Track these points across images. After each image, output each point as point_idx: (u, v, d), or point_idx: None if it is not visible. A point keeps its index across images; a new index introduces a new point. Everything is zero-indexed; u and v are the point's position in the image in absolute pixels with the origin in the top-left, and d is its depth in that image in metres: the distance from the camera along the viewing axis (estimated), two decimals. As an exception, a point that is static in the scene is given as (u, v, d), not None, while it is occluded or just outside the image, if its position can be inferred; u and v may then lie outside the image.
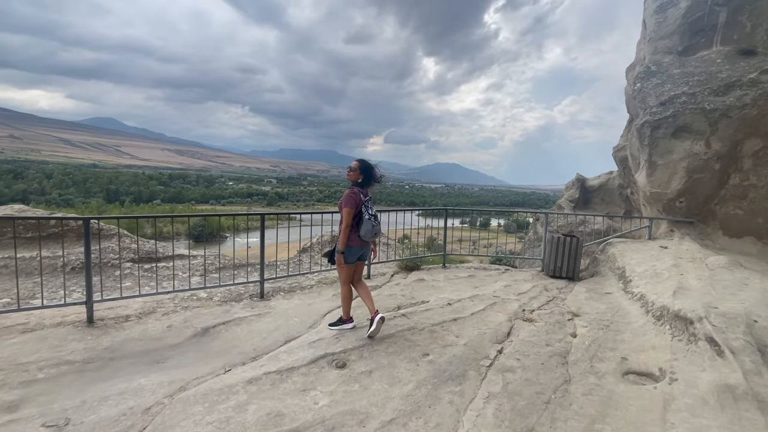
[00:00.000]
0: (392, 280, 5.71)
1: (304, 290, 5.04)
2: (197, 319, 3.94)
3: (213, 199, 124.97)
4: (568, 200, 12.61)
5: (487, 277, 6.12)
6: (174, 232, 7.63)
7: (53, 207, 74.30)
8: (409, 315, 4.20)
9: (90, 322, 3.65)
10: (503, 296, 5.01)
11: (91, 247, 3.56)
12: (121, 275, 4.45)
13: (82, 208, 76.78)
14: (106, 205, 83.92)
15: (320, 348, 3.37)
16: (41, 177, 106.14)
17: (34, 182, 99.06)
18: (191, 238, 26.94)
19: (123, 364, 3.11)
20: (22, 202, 28.19)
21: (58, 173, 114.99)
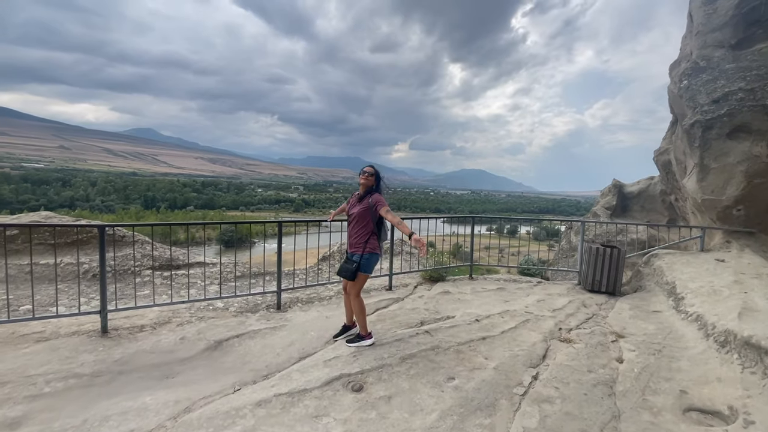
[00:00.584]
0: (415, 291, 5.40)
1: (323, 301, 4.82)
2: (211, 331, 3.79)
3: (243, 205, 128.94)
4: (605, 207, 11.88)
5: (518, 291, 5.69)
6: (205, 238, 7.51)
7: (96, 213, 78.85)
8: (433, 332, 3.88)
9: (104, 331, 3.57)
10: (537, 312, 4.59)
11: (106, 256, 3.49)
12: (135, 284, 4.41)
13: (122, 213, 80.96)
14: (143, 211, 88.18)
15: (336, 367, 3.12)
16: (87, 185, 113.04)
17: (80, 189, 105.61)
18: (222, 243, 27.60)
19: (132, 379, 2.98)
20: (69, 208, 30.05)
21: (101, 181, 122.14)
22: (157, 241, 5.81)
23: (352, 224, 3.54)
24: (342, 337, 3.76)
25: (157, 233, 10.45)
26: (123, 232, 5.34)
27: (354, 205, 3.57)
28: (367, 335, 3.59)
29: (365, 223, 3.47)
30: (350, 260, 3.47)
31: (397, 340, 3.66)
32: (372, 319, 4.26)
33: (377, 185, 3.56)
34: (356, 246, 3.49)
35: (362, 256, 3.43)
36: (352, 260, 3.47)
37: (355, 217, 3.50)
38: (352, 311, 3.73)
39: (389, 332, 3.89)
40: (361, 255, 3.43)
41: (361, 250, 3.44)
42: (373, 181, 3.53)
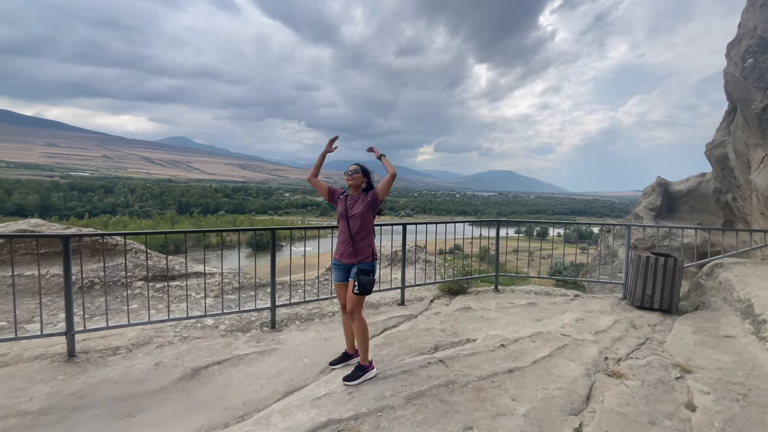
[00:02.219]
0: (431, 307, 4.75)
1: (324, 319, 4.26)
2: (191, 356, 3.30)
3: (271, 209, 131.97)
4: (648, 208, 10.73)
5: (552, 306, 4.92)
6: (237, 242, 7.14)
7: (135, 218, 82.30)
8: (448, 361, 3.23)
9: (71, 355, 3.16)
10: (576, 335, 3.84)
11: (71, 270, 3.08)
12: (104, 300, 4.00)
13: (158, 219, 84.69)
14: (177, 217, 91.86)
15: (325, 409, 2.54)
16: (126, 192, 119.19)
17: (120, 196, 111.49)
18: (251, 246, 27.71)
19: (85, 418, 2.52)
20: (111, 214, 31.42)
21: (139, 188, 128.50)
22: (158, 250, 5.46)
23: (353, 227, 2.97)
24: (340, 366, 3.19)
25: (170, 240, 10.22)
26: (116, 240, 5.01)
27: (352, 205, 3.01)
28: (368, 366, 2.99)
29: (369, 225, 3.00)
30: (364, 271, 2.91)
31: (404, 372, 3.03)
32: (378, 342, 3.66)
33: (368, 182, 3.11)
34: (363, 253, 2.95)
35: (373, 264, 2.96)
36: (366, 271, 2.91)
37: (358, 218, 2.95)
38: (353, 335, 3.17)
39: (395, 360, 3.27)
40: (372, 263, 2.96)
41: (371, 257, 2.96)
42: (361, 178, 3.06)
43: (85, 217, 73.74)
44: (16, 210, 77.32)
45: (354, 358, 3.21)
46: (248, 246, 28.26)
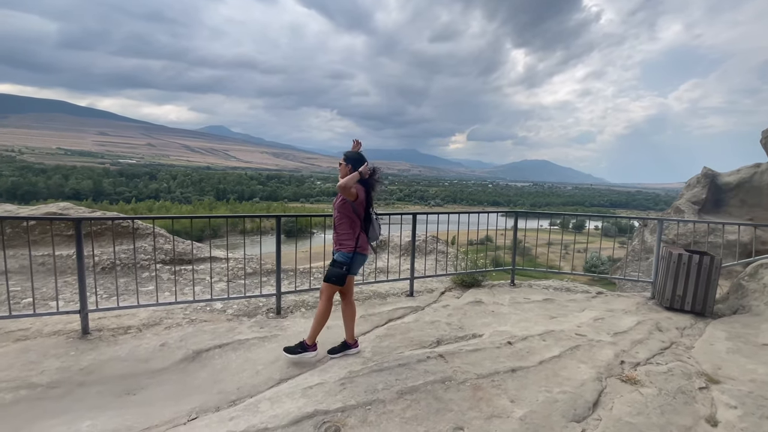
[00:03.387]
0: (441, 299, 4.62)
1: (330, 307, 4.24)
2: (195, 338, 3.38)
3: (303, 197, 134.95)
4: (691, 202, 9.92)
5: (570, 303, 4.65)
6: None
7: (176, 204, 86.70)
8: (449, 356, 3.11)
9: (84, 333, 3.32)
10: (592, 335, 3.59)
11: (83, 251, 3.21)
12: (116, 281, 4.16)
13: (197, 204, 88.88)
14: (215, 203, 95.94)
15: (314, 399, 2.51)
16: (168, 178, 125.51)
17: (163, 183, 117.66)
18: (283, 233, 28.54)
19: (89, 393, 2.63)
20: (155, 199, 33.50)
21: (180, 175, 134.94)
22: (181, 235, 5.65)
23: (335, 217, 3.04)
24: (338, 355, 3.16)
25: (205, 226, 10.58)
26: (138, 224, 5.22)
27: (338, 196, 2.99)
28: (312, 346, 3.06)
29: (346, 216, 2.95)
30: (336, 261, 2.95)
31: (401, 365, 2.95)
32: (380, 333, 3.60)
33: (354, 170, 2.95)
34: (341, 244, 2.96)
35: (348, 255, 2.95)
36: (339, 262, 2.94)
37: (336, 209, 2.98)
38: (351, 323, 3.19)
39: (394, 352, 3.20)
40: (347, 255, 2.95)
41: (349, 248, 2.96)
42: (344, 168, 2.99)
43: (132, 202, 78.57)
44: (73, 194, 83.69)
45: (353, 348, 3.18)
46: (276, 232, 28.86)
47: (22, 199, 73.52)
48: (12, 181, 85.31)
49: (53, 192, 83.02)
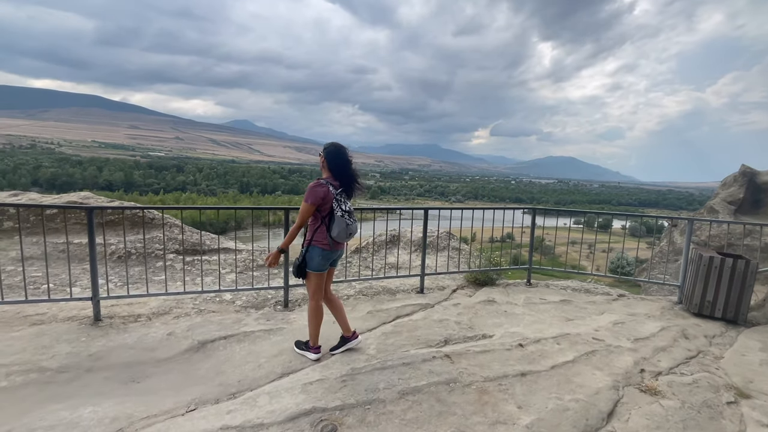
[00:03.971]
0: (452, 297, 4.49)
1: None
2: (201, 329, 3.40)
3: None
4: (726, 201, 9.33)
5: (589, 305, 4.43)
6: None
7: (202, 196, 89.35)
8: (455, 357, 3.00)
9: (96, 319, 3.39)
10: (610, 341, 3.40)
11: (95, 240, 3.27)
12: (124, 270, 4.23)
13: (221, 196, 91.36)
14: (239, 195, 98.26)
15: (313, 396, 2.46)
16: (195, 171, 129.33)
17: (190, 175, 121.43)
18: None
19: (95, 380, 2.68)
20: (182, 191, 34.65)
21: (206, 168, 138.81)
22: (196, 226, 5.73)
23: None
24: (340, 351, 3.10)
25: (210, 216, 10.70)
26: (153, 214, 5.33)
27: None
28: (314, 347, 3.01)
29: (312, 214, 2.82)
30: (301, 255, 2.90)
31: (405, 365, 2.86)
32: (386, 330, 3.52)
33: (332, 171, 2.84)
34: (306, 238, 2.90)
35: (304, 249, 2.85)
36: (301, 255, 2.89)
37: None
38: (341, 317, 3.12)
39: (399, 351, 3.11)
40: (304, 249, 2.85)
41: (308, 242, 2.85)
42: (321, 160, 2.89)
43: (160, 193, 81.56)
44: (106, 185, 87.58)
45: (353, 340, 3.11)
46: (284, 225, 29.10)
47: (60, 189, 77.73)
48: (51, 172, 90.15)
49: (88, 183, 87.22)
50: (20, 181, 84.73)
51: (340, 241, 2.84)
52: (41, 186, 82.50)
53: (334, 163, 2.83)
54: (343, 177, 2.84)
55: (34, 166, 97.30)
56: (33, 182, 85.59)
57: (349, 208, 2.81)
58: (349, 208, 2.82)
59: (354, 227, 2.79)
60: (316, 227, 2.81)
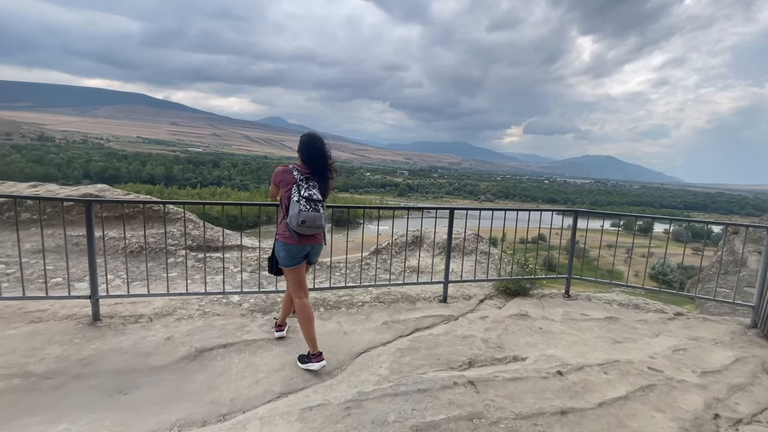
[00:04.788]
0: (478, 308, 4.02)
1: (351, 308, 3.83)
2: (202, 334, 3.14)
3: (352, 188, 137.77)
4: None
5: (640, 324, 3.83)
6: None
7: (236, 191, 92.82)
8: (481, 384, 2.56)
9: (95, 319, 3.20)
10: (671, 372, 2.83)
11: (94, 235, 3.07)
12: (128, 265, 4.04)
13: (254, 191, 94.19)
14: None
15: (311, 425, 2.11)
16: (230, 166, 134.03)
17: (225, 170, 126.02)
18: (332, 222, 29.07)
19: (80, 389, 2.45)
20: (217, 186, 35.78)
21: (240, 163, 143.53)
22: (211, 221, 5.55)
23: None
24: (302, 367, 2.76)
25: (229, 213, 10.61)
26: (168, 208, 5.18)
27: None
28: (316, 355, 2.71)
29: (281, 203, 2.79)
30: None
31: (420, 391, 2.46)
32: (402, 345, 3.12)
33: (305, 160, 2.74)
34: None
35: (274, 243, 2.81)
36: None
37: None
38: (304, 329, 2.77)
39: (415, 372, 2.71)
40: (275, 242, 2.80)
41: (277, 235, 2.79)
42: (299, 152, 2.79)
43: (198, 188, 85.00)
44: (148, 179, 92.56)
45: (312, 362, 2.71)
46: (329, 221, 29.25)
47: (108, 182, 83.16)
48: (100, 166, 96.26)
49: (133, 176, 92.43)
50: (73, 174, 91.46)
51: (302, 232, 2.61)
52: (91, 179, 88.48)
53: (304, 151, 2.75)
54: (313, 165, 2.72)
55: (85, 160, 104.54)
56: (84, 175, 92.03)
57: (310, 195, 2.60)
58: (311, 195, 2.61)
59: (311, 215, 2.56)
60: (280, 219, 2.76)
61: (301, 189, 2.60)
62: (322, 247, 2.87)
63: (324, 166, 2.73)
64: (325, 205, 2.77)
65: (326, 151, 2.75)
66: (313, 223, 2.57)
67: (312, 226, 2.59)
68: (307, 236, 2.67)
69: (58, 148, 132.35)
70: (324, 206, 2.68)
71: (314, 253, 2.84)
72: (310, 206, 2.56)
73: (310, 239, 2.71)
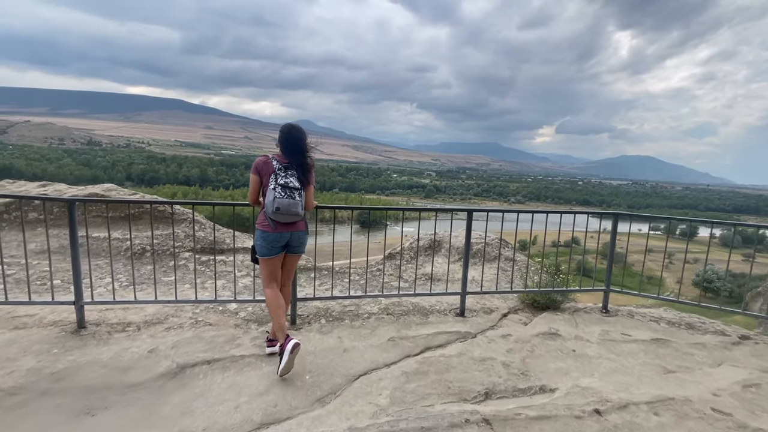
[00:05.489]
0: (500, 324, 3.53)
1: (356, 320, 3.45)
2: (188, 347, 2.86)
3: (379, 189, 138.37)
4: None
5: (696, 350, 3.22)
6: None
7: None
8: (499, 424, 2.11)
9: (80, 326, 3.00)
10: (742, 416, 2.26)
11: (77, 235, 2.87)
12: (113, 268, 3.81)
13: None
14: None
15: (286, 471, 1.74)
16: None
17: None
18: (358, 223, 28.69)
19: (44, 408, 2.21)
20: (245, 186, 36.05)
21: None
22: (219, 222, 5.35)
23: None
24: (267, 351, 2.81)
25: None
26: (177, 208, 5.02)
27: None
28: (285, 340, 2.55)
29: None
30: None
31: (423, 429, 2.04)
32: (408, 368, 2.71)
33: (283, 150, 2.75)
34: None
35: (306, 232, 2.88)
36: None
37: None
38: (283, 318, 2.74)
39: (420, 404, 2.29)
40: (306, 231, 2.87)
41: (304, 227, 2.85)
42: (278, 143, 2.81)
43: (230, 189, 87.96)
44: (184, 180, 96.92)
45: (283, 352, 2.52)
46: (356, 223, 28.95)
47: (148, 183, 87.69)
48: (141, 169, 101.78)
49: (170, 178, 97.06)
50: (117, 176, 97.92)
51: (278, 220, 2.63)
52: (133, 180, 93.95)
53: (283, 141, 2.75)
54: (291, 154, 2.71)
55: (128, 163, 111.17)
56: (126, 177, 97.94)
57: (286, 183, 2.62)
58: (287, 182, 2.62)
59: (285, 202, 2.57)
60: (261, 210, 2.74)
61: (278, 177, 2.62)
62: (305, 236, 2.84)
63: (301, 156, 2.73)
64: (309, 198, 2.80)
65: (304, 141, 2.76)
66: (287, 210, 2.58)
67: (287, 213, 2.60)
68: (284, 224, 2.68)
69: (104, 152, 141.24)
70: (301, 194, 2.67)
71: (296, 241, 2.80)
72: (285, 193, 2.59)
73: (288, 227, 2.71)
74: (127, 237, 4.52)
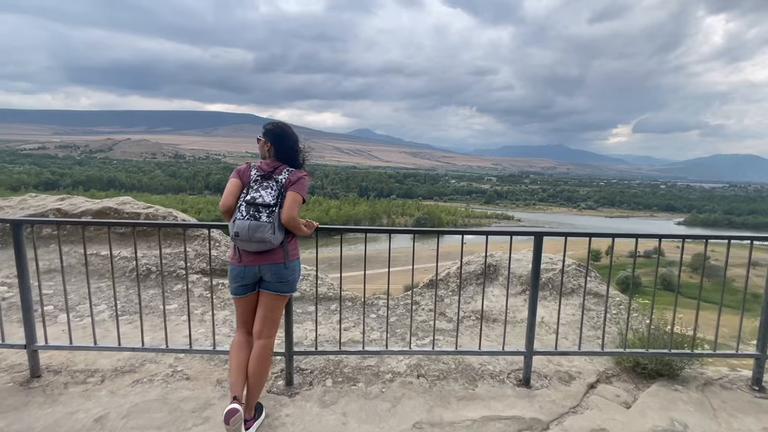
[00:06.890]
0: (586, 405, 2.35)
1: (373, 384, 2.50)
2: (142, 418, 2.14)
3: (437, 195, 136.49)
4: None
5: None
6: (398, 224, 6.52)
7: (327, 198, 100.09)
8: None
9: (33, 375, 2.44)
10: None
11: (25, 262, 2.31)
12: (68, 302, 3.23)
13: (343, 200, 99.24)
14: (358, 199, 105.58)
15: None
16: (322, 176, 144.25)
17: (318, 180, 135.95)
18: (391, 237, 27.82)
19: None
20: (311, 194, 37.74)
21: (331, 173, 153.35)
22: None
23: None
24: None
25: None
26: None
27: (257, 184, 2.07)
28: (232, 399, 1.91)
29: None
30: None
31: None
32: None
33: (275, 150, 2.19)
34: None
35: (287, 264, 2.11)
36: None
37: None
38: (243, 376, 2.04)
39: None
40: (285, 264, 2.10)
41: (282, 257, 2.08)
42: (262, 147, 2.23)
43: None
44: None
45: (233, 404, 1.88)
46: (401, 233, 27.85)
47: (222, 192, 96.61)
48: (217, 178, 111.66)
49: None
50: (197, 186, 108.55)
51: (240, 247, 2.00)
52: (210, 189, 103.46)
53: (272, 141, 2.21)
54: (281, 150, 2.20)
55: (206, 174, 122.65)
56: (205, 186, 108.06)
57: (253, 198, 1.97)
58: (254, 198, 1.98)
59: (244, 225, 1.91)
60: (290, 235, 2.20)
61: (249, 190, 2.03)
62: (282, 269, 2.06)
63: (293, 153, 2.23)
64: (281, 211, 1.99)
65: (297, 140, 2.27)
66: (248, 235, 1.92)
67: (248, 240, 1.94)
68: (252, 254, 2.02)
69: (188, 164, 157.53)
70: (273, 213, 1.96)
71: (270, 276, 2.06)
72: (247, 213, 1.95)
73: (256, 258, 2.02)
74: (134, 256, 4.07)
